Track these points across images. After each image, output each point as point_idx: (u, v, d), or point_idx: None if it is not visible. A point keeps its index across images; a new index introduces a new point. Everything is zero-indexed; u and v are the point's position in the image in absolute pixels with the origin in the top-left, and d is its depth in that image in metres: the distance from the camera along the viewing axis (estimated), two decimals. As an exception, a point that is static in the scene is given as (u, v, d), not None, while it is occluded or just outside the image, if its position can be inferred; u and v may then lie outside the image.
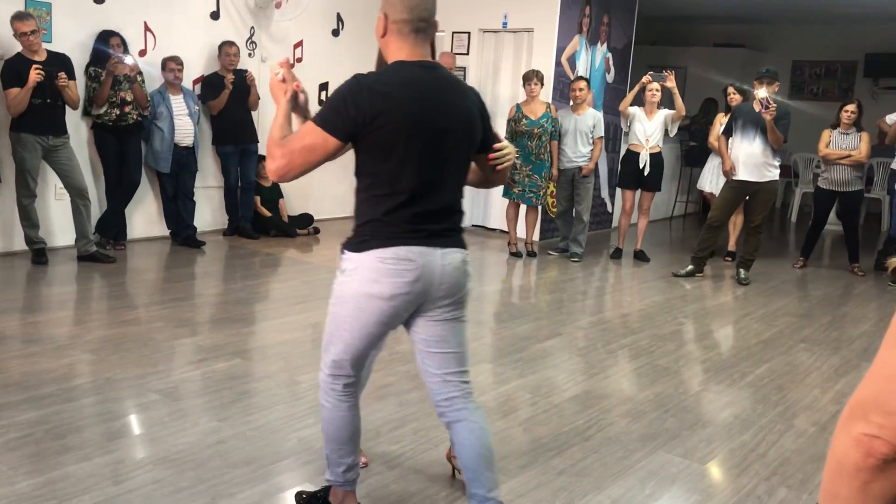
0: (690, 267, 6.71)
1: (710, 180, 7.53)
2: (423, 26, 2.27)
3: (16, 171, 5.70)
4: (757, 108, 6.04)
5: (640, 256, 7.39)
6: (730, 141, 6.44)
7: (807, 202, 10.43)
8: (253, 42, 7.41)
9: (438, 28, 2.44)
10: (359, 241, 2.28)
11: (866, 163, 7.16)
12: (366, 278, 2.25)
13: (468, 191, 2.52)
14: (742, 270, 6.63)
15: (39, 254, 5.84)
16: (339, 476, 2.55)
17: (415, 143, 2.22)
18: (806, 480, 3.15)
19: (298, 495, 2.72)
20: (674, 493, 3.00)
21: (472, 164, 2.47)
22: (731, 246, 7.64)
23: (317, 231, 7.67)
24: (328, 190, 8.35)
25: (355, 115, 2.17)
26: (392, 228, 2.25)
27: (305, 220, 7.68)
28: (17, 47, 5.56)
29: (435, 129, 2.25)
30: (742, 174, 6.35)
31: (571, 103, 7.15)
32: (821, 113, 10.91)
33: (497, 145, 2.46)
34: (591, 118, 7.04)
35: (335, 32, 8.17)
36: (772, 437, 3.54)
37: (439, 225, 2.32)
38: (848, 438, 1.05)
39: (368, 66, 2.58)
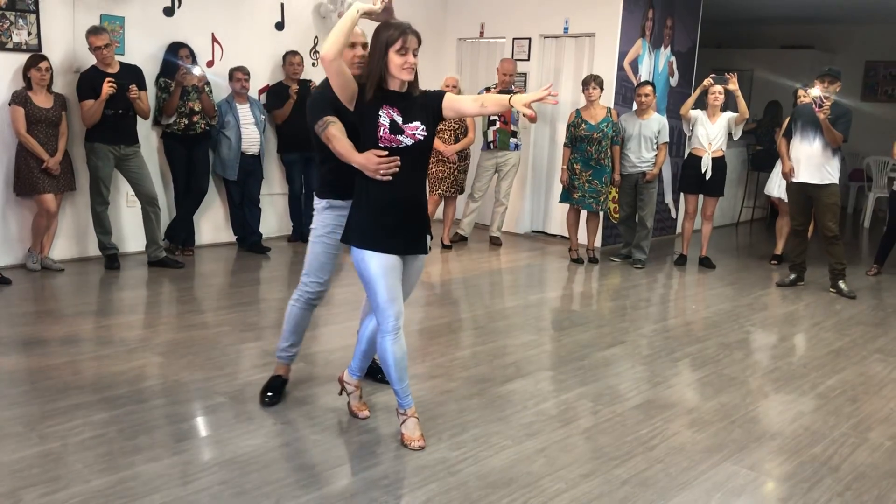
0: (793, 276, 6.62)
1: (778, 185, 7.34)
2: None
3: (90, 180, 5.91)
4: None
5: (705, 263, 7.25)
6: (791, 143, 6.32)
7: (880, 207, 10.08)
8: (317, 52, 7.53)
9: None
10: None
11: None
12: None
13: (528, 196, 2.54)
14: (841, 283, 6.37)
15: (112, 259, 6.04)
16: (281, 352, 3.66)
17: None
18: (882, 497, 3.04)
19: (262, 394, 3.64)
20: (741, 506, 2.93)
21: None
22: (778, 250, 7.52)
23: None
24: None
25: None
26: None
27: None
28: (92, 60, 5.77)
29: None
30: (802, 176, 6.22)
31: (636, 108, 7.06)
32: (895, 115, 10.54)
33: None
34: (656, 123, 6.94)
35: (396, 40, 8.24)
36: (845, 451, 3.42)
37: None
38: None
39: (431, 73, 2.63)
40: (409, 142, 3.09)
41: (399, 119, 3.08)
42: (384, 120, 3.06)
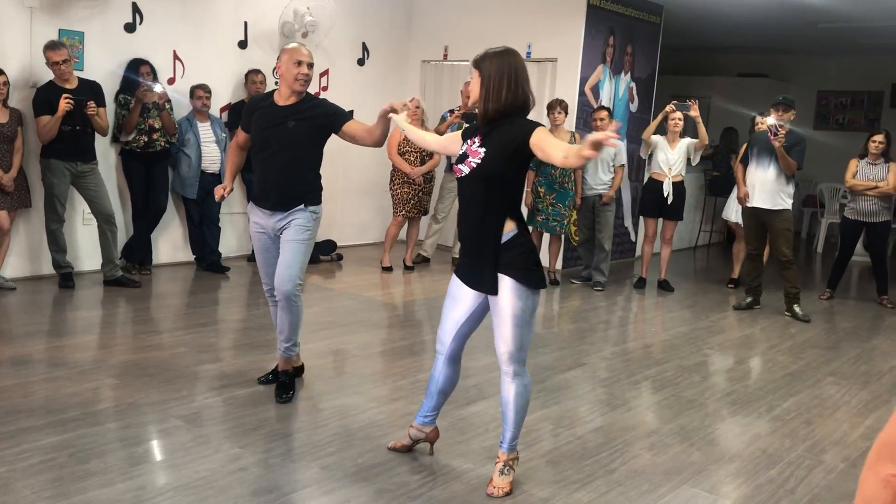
0: (749, 299, 6.73)
1: (736, 210, 7.49)
2: None
3: (45, 197, 5.79)
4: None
5: (664, 286, 7.34)
6: (747, 169, 6.48)
7: (833, 233, 10.32)
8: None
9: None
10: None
11: (894, 194, 7.08)
12: None
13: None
14: (796, 307, 6.48)
15: (66, 278, 5.91)
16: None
17: None
18: (836, 518, 3.08)
19: None
20: (700, 529, 2.94)
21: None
22: (735, 274, 7.65)
23: (340, 258, 7.69)
24: (351, 217, 8.39)
25: None
26: None
27: (329, 246, 7.70)
28: (50, 75, 5.67)
29: None
30: (756, 201, 6.38)
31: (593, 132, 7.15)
32: (846, 143, 10.83)
33: None
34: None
35: (360, 62, 8.25)
36: (800, 473, 3.47)
37: None
38: (876, 479, 1.03)
39: (392, 93, 2.66)
40: (466, 170, 2.95)
41: (476, 146, 2.95)
42: (462, 150, 2.99)
